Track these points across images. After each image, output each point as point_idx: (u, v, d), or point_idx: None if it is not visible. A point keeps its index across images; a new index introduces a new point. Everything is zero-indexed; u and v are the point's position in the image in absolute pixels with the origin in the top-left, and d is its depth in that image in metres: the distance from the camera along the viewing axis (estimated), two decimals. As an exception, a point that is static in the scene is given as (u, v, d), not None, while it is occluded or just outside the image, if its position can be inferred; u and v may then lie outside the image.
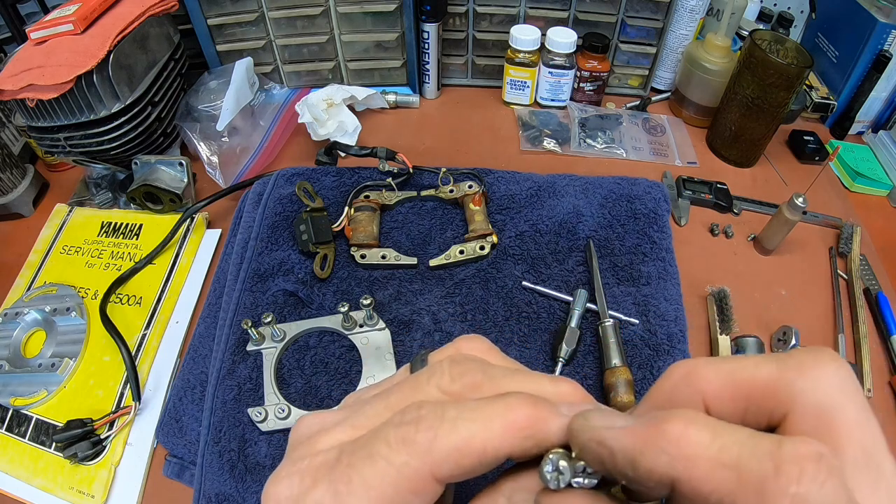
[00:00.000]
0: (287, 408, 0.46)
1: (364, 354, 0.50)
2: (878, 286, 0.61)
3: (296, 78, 0.80)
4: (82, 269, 0.59)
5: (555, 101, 0.80)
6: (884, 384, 0.54)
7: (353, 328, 0.51)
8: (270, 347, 0.50)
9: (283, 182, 0.63)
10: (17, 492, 0.46)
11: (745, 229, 0.66)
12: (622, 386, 0.46)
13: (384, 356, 0.50)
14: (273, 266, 0.56)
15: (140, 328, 0.55)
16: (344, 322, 0.51)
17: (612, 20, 0.76)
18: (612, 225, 0.61)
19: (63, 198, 0.67)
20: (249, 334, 0.49)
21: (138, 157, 0.63)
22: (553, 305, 0.55)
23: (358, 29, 0.75)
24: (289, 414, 0.46)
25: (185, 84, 0.73)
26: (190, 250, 0.61)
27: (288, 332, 0.51)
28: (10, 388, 0.50)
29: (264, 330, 0.50)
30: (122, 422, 0.48)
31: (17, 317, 0.54)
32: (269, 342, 0.50)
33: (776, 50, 0.68)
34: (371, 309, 0.50)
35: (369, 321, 0.51)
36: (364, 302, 0.49)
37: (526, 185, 0.64)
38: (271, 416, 0.45)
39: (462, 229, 0.60)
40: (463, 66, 0.83)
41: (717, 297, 0.56)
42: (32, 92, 0.56)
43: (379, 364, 0.49)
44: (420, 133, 0.77)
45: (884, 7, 0.73)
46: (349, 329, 0.51)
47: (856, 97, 0.77)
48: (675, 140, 0.77)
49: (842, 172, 0.76)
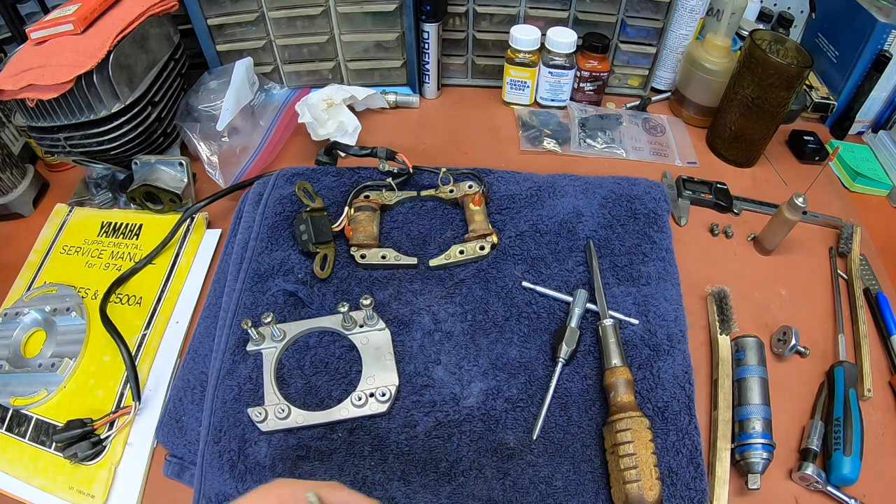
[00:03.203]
0: (287, 408, 0.45)
1: (364, 354, 0.50)
2: (878, 286, 0.61)
3: (296, 78, 0.80)
4: (82, 269, 0.59)
5: (555, 101, 0.80)
6: (884, 384, 0.54)
7: (353, 328, 0.51)
8: (270, 347, 0.50)
9: (283, 182, 0.63)
10: (16, 492, 0.46)
11: (745, 229, 0.66)
12: (622, 386, 0.46)
13: (384, 356, 0.50)
14: (273, 266, 0.56)
15: (140, 328, 0.55)
16: (344, 322, 0.51)
17: (612, 20, 0.76)
18: (612, 225, 0.61)
19: (63, 198, 0.67)
20: (249, 334, 0.49)
21: (138, 157, 0.63)
22: (553, 305, 0.55)
23: (358, 29, 0.75)
24: (289, 414, 0.45)
25: (185, 84, 0.73)
26: (190, 250, 0.61)
27: (288, 332, 0.51)
28: (10, 388, 0.50)
29: (264, 330, 0.50)
30: (122, 422, 0.48)
31: (17, 317, 0.54)
32: (269, 342, 0.50)
33: (776, 50, 0.68)
34: (371, 309, 0.50)
35: (369, 321, 0.51)
36: (364, 302, 0.49)
37: (526, 185, 0.64)
38: (271, 416, 0.45)
39: (462, 229, 0.60)
40: (463, 66, 0.83)
41: (717, 297, 0.56)
42: (32, 92, 0.56)
43: (379, 364, 0.49)
44: (420, 133, 0.77)
45: (884, 7, 0.73)
46: (349, 329, 0.51)
47: (856, 97, 0.77)
48: (675, 140, 0.77)
49: (842, 172, 0.76)
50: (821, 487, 0.46)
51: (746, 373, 0.50)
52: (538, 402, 0.49)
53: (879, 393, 0.53)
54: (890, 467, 0.48)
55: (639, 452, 0.42)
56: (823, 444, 0.48)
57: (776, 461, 0.47)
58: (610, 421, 0.45)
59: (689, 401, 0.48)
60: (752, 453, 0.46)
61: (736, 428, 0.48)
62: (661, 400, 0.48)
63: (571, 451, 0.46)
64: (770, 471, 0.47)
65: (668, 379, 0.49)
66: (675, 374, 0.50)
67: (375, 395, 0.47)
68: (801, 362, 0.55)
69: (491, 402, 0.48)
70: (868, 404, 0.52)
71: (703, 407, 0.51)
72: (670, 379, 0.49)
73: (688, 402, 0.48)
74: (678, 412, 0.48)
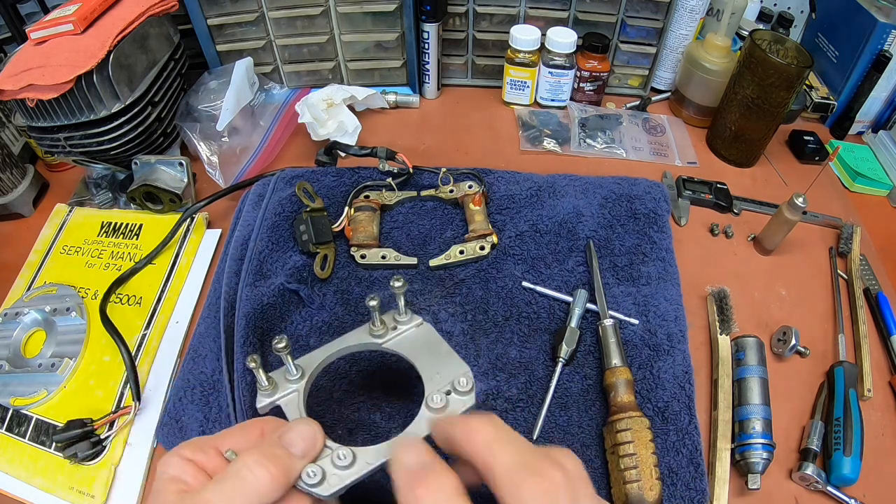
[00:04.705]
0: (349, 453, 0.33)
1: (412, 356, 0.39)
2: (878, 286, 0.61)
3: (296, 78, 0.80)
4: (82, 269, 0.59)
5: (555, 101, 0.80)
6: (884, 384, 0.54)
7: (386, 333, 0.40)
8: (289, 394, 0.37)
9: (283, 182, 0.63)
10: (16, 492, 0.46)
11: (745, 229, 0.66)
12: (622, 386, 0.46)
13: (438, 348, 0.39)
14: (273, 266, 0.56)
15: (140, 328, 0.55)
16: (373, 328, 0.40)
17: (612, 20, 0.76)
18: (612, 225, 0.61)
19: (63, 198, 0.67)
20: (258, 381, 0.37)
21: (138, 157, 0.63)
22: (553, 305, 0.55)
23: (358, 29, 0.75)
24: (353, 460, 0.33)
25: (185, 84, 0.73)
26: (190, 250, 0.61)
27: (307, 366, 0.39)
28: (10, 388, 0.50)
29: (276, 375, 0.38)
30: (122, 422, 0.48)
31: (17, 317, 0.54)
32: (285, 386, 0.38)
33: (776, 50, 0.68)
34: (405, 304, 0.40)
35: (401, 318, 0.41)
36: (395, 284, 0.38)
37: (526, 185, 0.64)
38: (330, 469, 0.32)
39: (462, 229, 0.60)
40: (463, 66, 0.83)
41: (717, 297, 0.56)
42: (32, 92, 0.56)
43: (435, 358, 0.39)
44: (420, 133, 0.77)
45: (884, 7, 0.73)
46: (381, 336, 0.40)
47: (856, 97, 0.77)
48: (675, 140, 0.77)
49: (842, 172, 0.76)
50: (821, 487, 0.46)
51: (746, 373, 0.50)
52: (538, 402, 0.48)
53: (879, 393, 0.53)
54: (890, 467, 0.48)
55: (639, 452, 0.42)
56: (823, 444, 0.48)
57: (776, 461, 0.47)
58: (610, 421, 0.45)
59: (689, 401, 0.48)
60: (752, 453, 0.46)
61: (736, 428, 0.48)
62: (661, 400, 0.48)
63: (571, 451, 0.46)
64: (770, 471, 0.47)
65: (668, 379, 0.49)
66: (675, 374, 0.50)
67: (453, 389, 0.37)
68: (801, 362, 0.55)
69: (491, 403, 0.48)
70: (868, 404, 0.52)
71: (703, 407, 0.51)
72: (670, 379, 0.49)
73: (688, 402, 0.48)
74: (678, 412, 0.48)
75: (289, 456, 0.29)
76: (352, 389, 0.48)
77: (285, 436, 0.30)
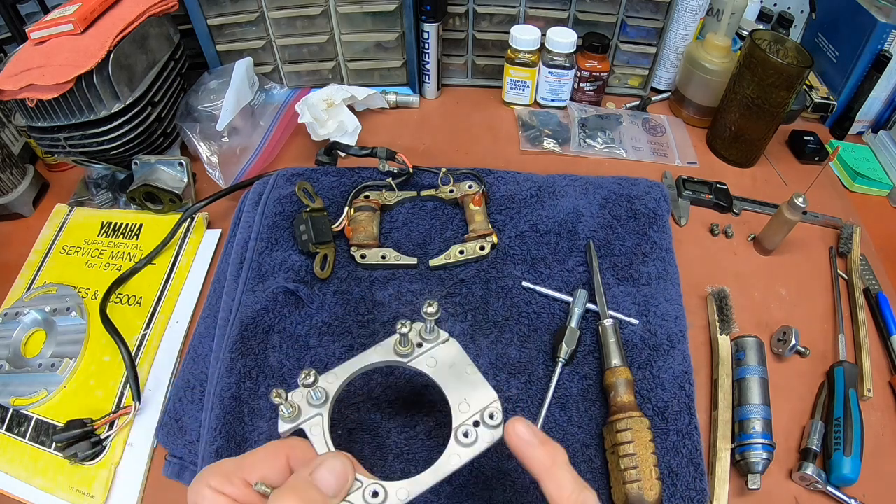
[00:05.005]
0: (381, 488, 0.32)
1: (439, 379, 0.38)
2: (878, 286, 0.61)
3: (296, 78, 0.80)
4: (82, 269, 0.59)
5: (555, 101, 0.80)
6: (884, 384, 0.54)
7: (412, 351, 0.38)
8: (313, 417, 0.36)
9: (283, 182, 0.63)
10: (17, 492, 0.46)
11: (745, 229, 0.66)
12: (622, 386, 0.46)
13: (464, 371, 0.38)
14: (273, 266, 0.56)
15: (140, 328, 0.55)
16: (399, 347, 0.38)
17: (612, 20, 0.76)
18: (612, 225, 0.61)
19: (63, 198, 0.67)
20: (280, 409, 0.35)
21: (138, 157, 0.63)
22: (553, 305, 0.55)
23: (358, 29, 0.75)
24: (385, 496, 0.32)
25: (185, 84, 0.73)
26: (190, 250, 0.61)
27: (330, 389, 0.37)
28: (10, 388, 0.50)
29: (295, 396, 0.36)
30: (122, 422, 0.48)
31: (17, 317, 0.54)
32: (308, 411, 0.36)
33: (776, 50, 0.68)
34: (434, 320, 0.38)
35: (428, 336, 0.39)
36: (429, 310, 0.36)
37: (526, 185, 0.64)
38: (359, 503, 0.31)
39: (462, 229, 0.60)
40: (463, 66, 0.83)
41: (717, 297, 0.56)
42: (32, 92, 0.56)
43: (462, 382, 0.37)
44: (420, 133, 0.77)
45: (884, 7, 0.73)
46: (407, 354, 0.38)
47: (856, 97, 0.77)
48: (675, 140, 0.77)
49: (842, 172, 0.76)
50: (821, 487, 0.46)
51: (746, 373, 0.50)
52: (538, 402, 0.48)
53: (879, 393, 0.53)
54: (890, 467, 0.48)
55: (639, 452, 0.42)
56: (823, 444, 0.48)
57: (776, 461, 0.47)
58: (610, 421, 0.45)
59: (689, 401, 0.48)
60: (752, 453, 0.46)
61: (736, 428, 0.48)
62: (661, 400, 0.48)
63: (571, 451, 0.46)
64: (770, 471, 0.47)
65: (668, 379, 0.49)
66: (675, 374, 0.50)
67: (482, 422, 0.36)
68: (801, 362, 0.55)
69: (491, 402, 0.48)
70: (868, 404, 0.52)
71: (703, 407, 0.51)
72: (670, 379, 0.49)
73: (688, 402, 0.48)
74: (678, 412, 0.48)
75: (323, 499, 0.29)
76: (352, 389, 0.49)
77: (317, 473, 0.29)
